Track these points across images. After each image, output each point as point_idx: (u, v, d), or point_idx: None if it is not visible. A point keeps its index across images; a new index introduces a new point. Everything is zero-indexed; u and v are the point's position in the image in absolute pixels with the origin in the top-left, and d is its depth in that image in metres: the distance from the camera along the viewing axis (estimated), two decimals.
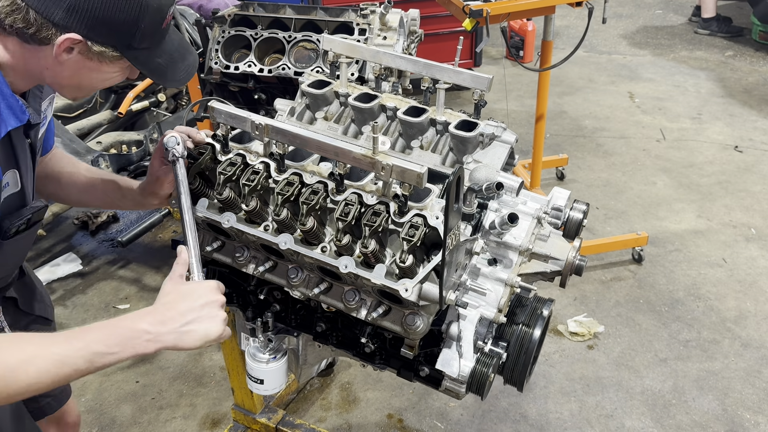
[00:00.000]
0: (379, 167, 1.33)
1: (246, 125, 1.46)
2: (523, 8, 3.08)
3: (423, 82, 1.84)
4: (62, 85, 1.34)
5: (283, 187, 1.44)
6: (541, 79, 3.57)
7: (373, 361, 1.66)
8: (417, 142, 1.71)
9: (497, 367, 1.51)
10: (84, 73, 1.30)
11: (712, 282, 3.49)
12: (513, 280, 1.48)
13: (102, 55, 1.27)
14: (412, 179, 1.32)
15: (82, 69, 1.29)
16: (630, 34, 6.94)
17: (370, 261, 1.40)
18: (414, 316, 1.43)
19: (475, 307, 1.47)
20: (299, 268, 1.54)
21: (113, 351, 1.14)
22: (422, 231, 1.35)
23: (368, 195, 1.40)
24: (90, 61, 1.28)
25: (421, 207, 1.40)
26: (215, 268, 1.77)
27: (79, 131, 3.42)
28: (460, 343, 1.47)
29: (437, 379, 1.54)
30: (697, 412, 2.78)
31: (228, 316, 1.30)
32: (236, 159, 1.52)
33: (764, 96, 5.49)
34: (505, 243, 1.51)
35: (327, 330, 1.70)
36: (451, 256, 1.31)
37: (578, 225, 1.66)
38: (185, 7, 4.07)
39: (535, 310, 1.58)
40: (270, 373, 1.87)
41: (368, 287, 1.43)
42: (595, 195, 4.26)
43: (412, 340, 1.51)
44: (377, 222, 1.36)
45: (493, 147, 1.66)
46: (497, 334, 1.56)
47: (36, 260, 3.79)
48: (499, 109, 5.24)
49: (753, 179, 4.37)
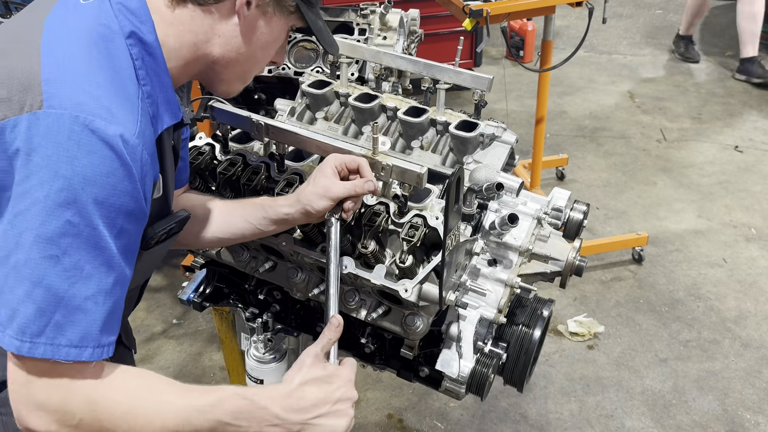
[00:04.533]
0: (379, 167, 1.33)
1: (245, 125, 1.46)
2: (523, 8, 3.08)
3: (423, 83, 1.84)
4: (227, 66, 1.22)
5: (282, 187, 1.44)
6: (541, 80, 3.57)
7: (373, 361, 1.65)
8: (417, 142, 1.70)
9: (497, 367, 1.51)
10: (256, 39, 1.20)
11: (712, 282, 3.49)
12: (513, 280, 1.48)
13: (279, 5, 1.18)
14: (412, 180, 1.32)
15: (256, 32, 1.19)
16: (630, 34, 6.94)
17: (370, 261, 1.39)
18: (414, 316, 1.43)
19: (474, 307, 1.47)
20: (299, 268, 1.53)
21: (239, 425, 1.07)
22: (422, 231, 1.35)
23: (368, 195, 1.40)
24: (264, 17, 1.18)
25: (421, 207, 1.39)
26: (215, 269, 1.77)
27: None
28: (460, 344, 1.47)
29: (437, 380, 1.54)
30: (697, 412, 2.78)
31: (228, 317, 1.29)
32: (236, 159, 1.52)
33: (764, 96, 5.49)
34: (505, 243, 1.51)
35: None
36: (450, 256, 1.30)
37: (578, 225, 1.65)
38: None
39: (535, 310, 1.58)
40: (270, 374, 1.87)
41: (368, 288, 1.42)
42: (595, 195, 4.25)
43: (411, 340, 1.51)
44: (377, 222, 1.36)
45: (493, 147, 1.65)
46: (497, 334, 1.55)
47: None
48: (499, 109, 5.24)
49: (753, 179, 4.37)
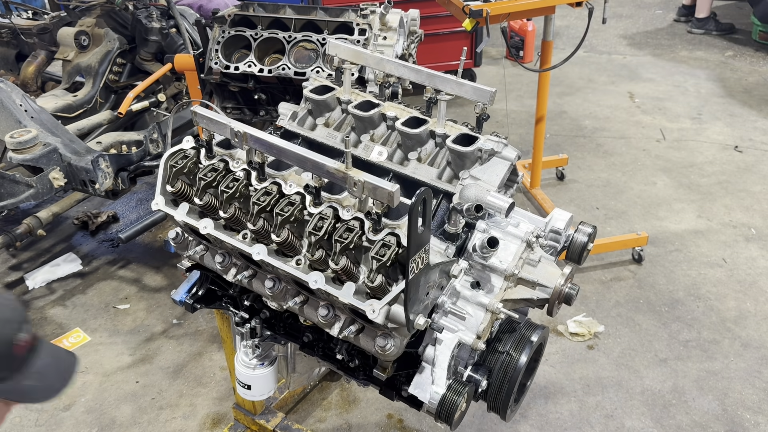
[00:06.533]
0: (351, 183, 1.29)
1: (226, 132, 1.44)
2: (523, 8, 3.08)
3: (426, 92, 1.79)
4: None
5: (260, 196, 1.41)
6: (541, 80, 3.57)
7: (357, 376, 1.61)
8: (415, 153, 1.66)
9: (472, 395, 1.45)
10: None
11: (712, 282, 3.49)
12: (495, 305, 1.42)
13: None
14: (383, 197, 1.26)
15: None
16: (630, 34, 6.94)
17: (341, 278, 1.35)
18: (385, 337, 1.38)
19: (453, 331, 1.41)
20: (277, 278, 1.50)
21: None
22: (393, 251, 1.29)
23: (344, 210, 1.35)
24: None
25: (395, 225, 1.33)
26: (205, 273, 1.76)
27: (79, 131, 3.43)
28: (434, 368, 1.42)
29: (419, 401, 1.48)
30: (697, 412, 2.78)
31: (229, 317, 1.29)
32: (218, 165, 1.49)
33: (764, 96, 5.49)
34: (490, 266, 1.46)
35: (313, 341, 1.67)
36: (417, 280, 1.26)
37: (582, 249, 1.57)
38: (185, 7, 4.08)
39: (524, 336, 1.50)
40: (257, 380, 1.86)
41: (340, 304, 1.39)
42: (595, 195, 4.26)
43: (384, 361, 1.47)
44: (348, 239, 1.31)
45: (492, 164, 1.58)
46: (482, 359, 1.49)
47: (36, 260, 3.80)
48: (499, 109, 5.24)
49: (753, 179, 4.37)
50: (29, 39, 3.88)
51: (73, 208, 3.51)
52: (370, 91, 2.01)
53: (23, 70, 3.86)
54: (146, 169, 3.17)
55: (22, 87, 3.77)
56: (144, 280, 3.60)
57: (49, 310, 3.44)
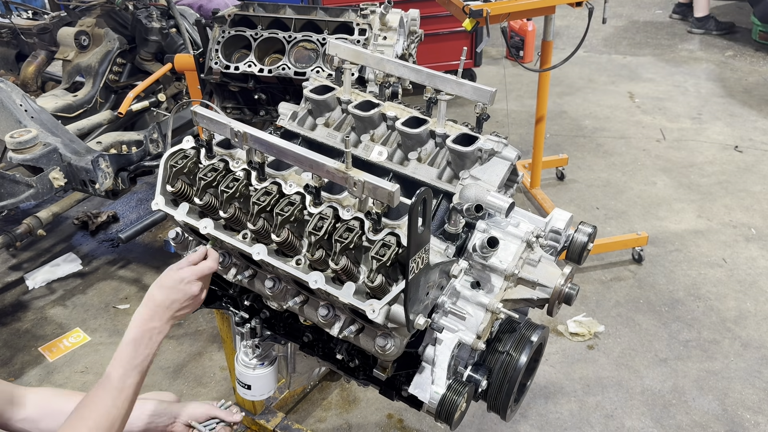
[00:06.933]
0: (351, 183, 1.28)
1: (226, 132, 1.44)
2: (523, 8, 3.08)
3: (426, 92, 1.78)
4: None
5: (260, 196, 1.41)
6: (541, 80, 3.57)
7: (357, 376, 1.61)
8: (415, 153, 1.65)
9: (471, 395, 1.46)
10: None
11: (712, 282, 3.49)
12: (495, 305, 1.42)
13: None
14: (383, 197, 1.26)
15: None
16: (630, 34, 6.94)
17: (341, 278, 1.35)
18: (385, 337, 1.38)
19: (453, 331, 1.42)
20: (277, 278, 1.50)
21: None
22: (393, 251, 1.29)
23: (344, 210, 1.35)
24: None
25: (395, 225, 1.33)
26: None
27: (79, 131, 3.42)
28: (434, 368, 1.42)
29: (419, 401, 1.48)
30: (697, 412, 2.78)
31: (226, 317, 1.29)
32: (218, 164, 1.49)
33: (764, 96, 5.49)
34: (490, 266, 1.46)
35: (313, 341, 1.67)
36: (417, 280, 1.26)
37: (582, 249, 1.57)
38: (185, 7, 4.07)
39: (524, 336, 1.50)
40: (257, 380, 1.85)
41: (340, 304, 1.39)
42: (595, 195, 4.26)
43: (384, 361, 1.47)
44: (348, 238, 1.31)
45: (492, 163, 1.57)
46: (482, 359, 1.50)
47: (36, 260, 3.80)
48: (499, 109, 5.24)
49: (753, 179, 4.37)
50: (29, 39, 3.88)
51: (73, 208, 3.51)
52: (370, 91, 2.01)
53: (23, 70, 3.86)
54: (146, 169, 3.17)
55: (22, 87, 3.77)
56: (144, 280, 3.60)
57: (49, 310, 3.44)
